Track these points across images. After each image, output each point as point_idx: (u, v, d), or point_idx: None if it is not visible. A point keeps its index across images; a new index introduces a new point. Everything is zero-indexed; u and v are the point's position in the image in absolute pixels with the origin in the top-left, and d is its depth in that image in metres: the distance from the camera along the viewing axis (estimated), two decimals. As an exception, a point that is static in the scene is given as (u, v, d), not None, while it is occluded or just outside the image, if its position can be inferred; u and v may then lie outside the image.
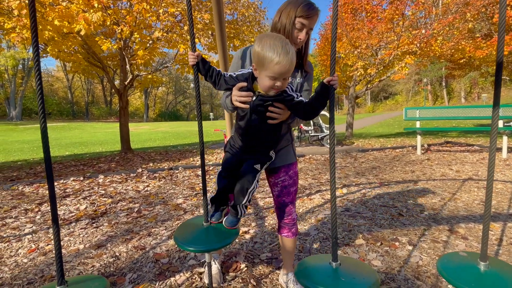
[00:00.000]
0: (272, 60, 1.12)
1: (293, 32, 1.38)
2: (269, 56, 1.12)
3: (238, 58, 1.51)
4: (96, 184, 4.39)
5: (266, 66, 1.14)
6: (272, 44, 1.13)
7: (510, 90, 30.64)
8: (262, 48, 1.14)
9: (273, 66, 1.13)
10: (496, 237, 2.35)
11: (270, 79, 1.17)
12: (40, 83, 1.10)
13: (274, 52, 1.12)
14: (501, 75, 1.22)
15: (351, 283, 1.10)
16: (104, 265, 2.11)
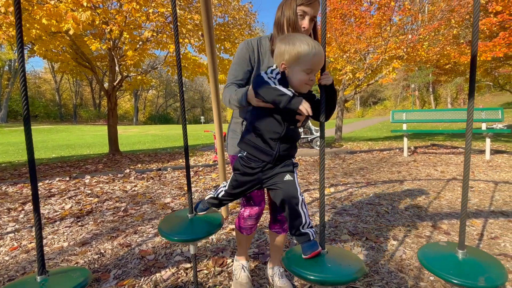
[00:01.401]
0: (309, 53, 1.10)
1: (298, 22, 1.37)
2: (305, 49, 1.10)
3: (245, 51, 1.47)
4: (82, 184, 4.32)
5: (301, 60, 1.11)
6: (301, 39, 1.12)
7: (495, 96, 31.52)
8: (293, 44, 1.12)
9: (311, 58, 1.11)
10: (478, 232, 2.41)
11: (306, 73, 1.13)
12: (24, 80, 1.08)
13: (308, 45, 1.11)
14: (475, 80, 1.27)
15: (338, 269, 1.12)
16: (88, 262, 2.09)
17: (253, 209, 1.59)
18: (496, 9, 7.36)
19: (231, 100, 1.37)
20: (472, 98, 1.26)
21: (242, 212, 1.63)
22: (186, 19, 6.01)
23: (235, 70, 1.47)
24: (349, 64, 9.12)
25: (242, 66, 1.47)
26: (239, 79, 1.47)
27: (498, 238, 2.28)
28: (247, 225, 1.64)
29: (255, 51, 1.48)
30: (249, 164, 1.26)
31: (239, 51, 1.48)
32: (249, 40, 1.50)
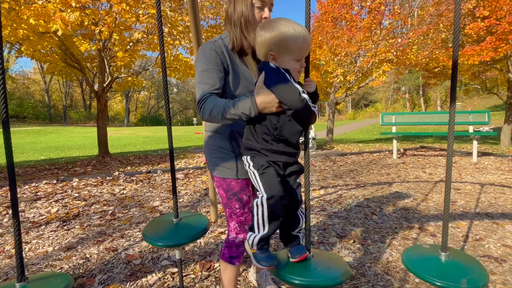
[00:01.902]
0: (297, 38, 1.00)
1: (254, 15, 1.23)
2: (292, 35, 1.00)
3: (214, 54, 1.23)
4: (70, 187, 4.25)
5: (290, 47, 1.02)
6: (284, 24, 1.02)
7: (483, 99, 32.15)
8: (278, 31, 1.01)
9: (300, 44, 1.01)
10: (463, 233, 2.45)
11: (296, 61, 1.05)
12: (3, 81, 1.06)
13: (294, 29, 1.00)
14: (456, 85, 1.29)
15: (323, 273, 1.12)
16: (73, 267, 2.05)
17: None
18: (484, 14, 7.50)
19: (226, 114, 1.10)
20: (453, 103, 1.28)
21: (234, 238, 1.39)
22: (177, 21, 5.99)
23: (209, 78, 1.20)
24: (340, 67, 9.21)
25: (215, 72, 1.21)
26: (216, 87, 1.20)
27: (482, 239, 2.32)
28: (240, 252, 1.41)
29: (225, 53, 1.26)
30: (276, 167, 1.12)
31: (207, 55, 1.22)
32: (213, 41, 1.27)
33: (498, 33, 7.00)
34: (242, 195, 1.36)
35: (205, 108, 1.14)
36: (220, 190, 1.38)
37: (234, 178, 1.34)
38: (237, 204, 1.36)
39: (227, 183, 1.34)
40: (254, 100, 1.03)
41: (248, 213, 1.39)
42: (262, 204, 1.06)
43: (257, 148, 1.09)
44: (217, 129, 1.35)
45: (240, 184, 1.35)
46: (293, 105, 0.99)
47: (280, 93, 0.99)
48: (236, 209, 1.36)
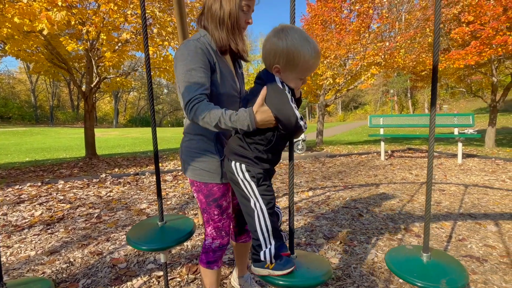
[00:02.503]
0: (309, 58, 0.95)
1: (240, 17, 1.21)
2: (305, 53, 0.94)
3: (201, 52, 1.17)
4: (55, 189, 4.16)
5: (300, 66, 0.96)
6: (299, 38, 0.94)
7: (469, 102, 32.89)
8: (293, 45, 0.93)
9: (310, 64, 0.97)
10: (446, 234, 2.50)
11: (299, 80, 1.01)
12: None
13: (308, 48, 0.94)
14: (436, 89, 1.32)
15: (306, 273, 1.13)
16: (56, 271, 2.01)
17: (224, 239, 1.39)
18: (468, 19, 7.69)
19: (221, 124, 1.04)
20: (434, 106, 1.31)
21: (210, 244, 1.38)
22: (166, 21, 5.95)
23: (198, 77, 1.12)
24: (330, 70, 9.31)
25: (203, 71, 1.15)
26: (206, 88, 1.13)
27: (465, 239, 2.37)
28: (217, 256, 1.39)
29: (211, 52, 1.21)
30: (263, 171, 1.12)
31: (193, 52, 1.15)
32: (196, 39, 1.21)
33: (482, 38, 7.19)
34: (222, 201, 1.34)
35: (198, 112, 1.07)
36: (199, 195, 1.34)
37: (217, 183, 1.30)
38: (216, 210, 1.34)
39: (208, 188, 1.30)
40: (254, 117, 1.00)
41: (226, 220, 1.38)
42: (263, 216, 1.05)
43: (249, 156, 1.07)
44: (202, 131, 1.27)
45: (222, 190, 1.32)
46: (289, 129, 1.01)
47: (279, 115, 0.99)
48: (214, 215, 1.34)
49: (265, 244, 1.06)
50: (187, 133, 1.34)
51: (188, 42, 1.18)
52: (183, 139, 1.36)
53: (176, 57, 1.19)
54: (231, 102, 1.29)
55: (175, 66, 1.18)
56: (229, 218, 1.39)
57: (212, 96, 1.22)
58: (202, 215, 1.37)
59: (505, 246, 2.24)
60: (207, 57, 1.18)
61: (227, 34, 1.23)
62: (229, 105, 1.27)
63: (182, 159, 1.35)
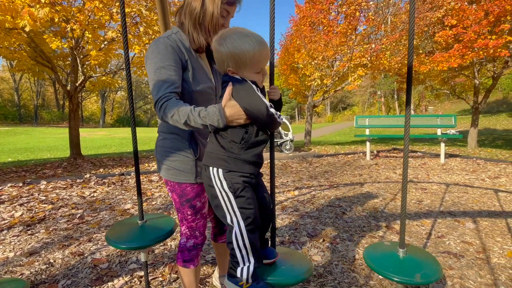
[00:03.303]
0: (253, 52, 0.97)
1: (219, 20, 1.20)
2: (247, 50, 0.97)
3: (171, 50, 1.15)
4: (37, 190, 4.07)
5: (250, 61, 0.99)
6: (237, 38, 0.98)
7: (453, 104, 33.72)
8: (233, 46, 0.97)
9: (256, 58, 0.99)
10: (426, 231, 2.56)
11: (258, 73, 1.03)
12: None
13: (248, 43, 0.97)
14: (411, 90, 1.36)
15: (287, 271, 1.15)
16: (35, 273, 1.97)
17: (198, 239, 1.38)
18: (452, 22, 7.90)
19: (190, 122, 1.02)
20: (408, 106, 1.35)
21: (185, 243, 1.37)
22: (153, 20, 5.90)
23: (168, 75, 1.11)
24: (318, 71, 9.40)
25: (173, 69, 1.13)
26: (176, 86, 1.11)
27: (444, 236, 2.44)
28: (193, 255, 1.38)
29: (182, 49, 1.20)
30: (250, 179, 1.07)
31: (163, 50, 1.14)
32: (166, 36, 1.19)
33: (464, 41, 7.39)
34: (195, 202, 1.32)
35: (167, 110, 1.05)
36: (173, 195, 1.33)
37: (191, 183, 1.29)
38: (190, 210, 1.32)
39: (182, 188, 1.29)
40: (223, 112, 0.98)
41: (201, 220, 1.36)
42: (241, 234, 0.99)
43: (225, 157, 1.02)
44: (175, 130, 1.25)
45: (195, 190, 1.31)
46: (261, 119, 0.99)
47: (248, 107, 0.97)
48: (188, 215, 1.33)
49: (243, 262, 1.01)
50: (161, 132, 1.32)
51: (158, 40, 1.17)
52: (158, 138, 1.34)
53: (146, 55, 1.18)
54: (205, 100, 1.26)
55: (146, 64, 1.17)
56: (203, 218, 1.38)
57: (185, 94, 1.20)
58: (177, 214, 1.38)
59: (482, 243, 2.31)
60: (178, 55, 1.17)
61: (205, 34, 1.21)
62: (203, 103, 1.20)
63: (157, 158, 1.33)
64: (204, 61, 1.30)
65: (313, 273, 1.89)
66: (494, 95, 28.85)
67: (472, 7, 7.65)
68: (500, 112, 25.86)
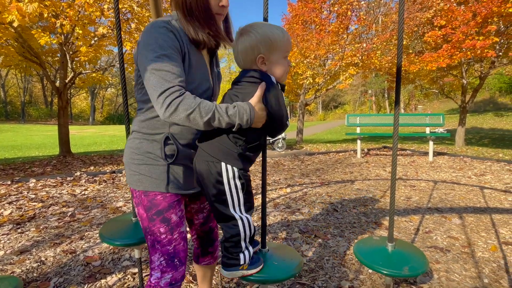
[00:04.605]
0: (280, 34, 0.99)
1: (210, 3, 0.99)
2: (278, 33, 0.99)
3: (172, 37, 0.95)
4: (26, 188, 4.01)
5: (278, 44, 0.99)
6: (262, 25, 1.01)
7: (442, 103, 34.31)
8: (262, 31, 0.98)
9: (285, 40, 1.00)
10: (414, 227, 2.63)
11: (285, 60, 1.04)
12: None
13: (277, 29, 1.00)
14: (400, 89, 1.40)
15: (277, 267, 1.17)
16: (26, 271, 1.95)
17: (178, 270, 1.06)
18: (441, 23, 8.05)
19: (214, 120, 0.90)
20: (397, 106, 1.39)
21: (157, 281, 1.04)
22: (144, 17, 5.84)
23: (173, 66, 0.91)
24: (310, 69, 9.45)
25: (177, 59, 0.94)
26: (183, 79, 0.92)
27: (431, 232, 2.51)
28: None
29: (183, 38, 0.98)
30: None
31: (164, 36, 0.93)
32: (167, 21, 0.97)
33: (453, 42, 7.54)
34: (169, 214, 1.03)
35: (180, 106, 0.86)
36: (139, 209, 1.05)
37: (161, 192, 1.03)
38: (162, 227, 1.02)
39: (149, 198, 1.02)
40: (254, 112, 0.92)
41: (180, 241, 1.06)
42: (249, 224, 1.02)
43: (236, 155, 1.00)
44: (147, 129, 1.04)
45: (168, 200, 1.04)
46: (277, 128, 1.03)
47: (276, 115, 0.99)
48: (160, 234, 1.02)
49: (246, 248, 1.05)
50: (134, 131, 1.09)
51: (157, 23, 0.94)
52: (129, 137, 1.12)
53: (140, 41, 0.94)
54: None
55: (140, 51, 0.93)
56: (182, 239, 1.07)
57: None
58: (146, 240, 1.07)
59: (467, 237, 2.39)
60: (179, 44, 0.96)
61: (201, 27, 0.99)
62: None
63: (124, 162, 1.10)
64: (205, 59, 1.10)
65: (304, 268, 1.93)
66: (481, 95, 29.49)
67: (461, 8, 7.81)
68: (486, 111, 26.46)
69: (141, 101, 1.06)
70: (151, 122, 1.04)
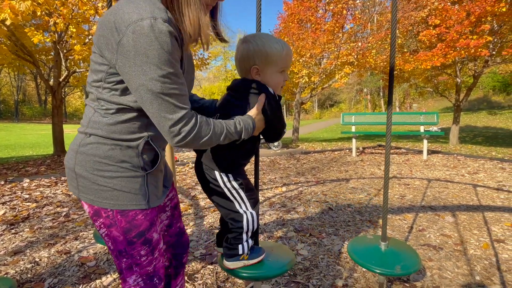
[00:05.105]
0: (281, 51, 1.02)
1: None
2: (277, 48, 1.01)
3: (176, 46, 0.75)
4: (19, 188, 3.98)
5: (275, 60, 1.02)
6: (265, 37, 1.03)
7: (436, 101, 34.57)
8: (261, 43, 1.01)
9: (284, 57, 1.03)
10: (408, 225, 2.66)
11: (281, 74, 1.06)
12: None
13: (277, 43, 1.02)
14: (393, 88, 1.41)
15: (269, 264, 1.18)
16: (20, 272, 1.94)
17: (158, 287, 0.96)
18: (435, 22, 8.10)
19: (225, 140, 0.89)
20: (390, 105, 1.41)
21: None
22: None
23: (182, 85, 0.79)
24: (305, 68, 9.47)
25: (181, 73, 0.80)
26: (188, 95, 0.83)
27: (424, 230, 2.54)
28: None
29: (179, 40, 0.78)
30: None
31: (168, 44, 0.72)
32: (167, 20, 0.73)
33: (447, 41, 7.60)
34: (152, 234, 0.91)
35: (198, 134, 0.80)
36: (112, 232, 0.86)
37: (142, 209, 0.88)
38: (144, 249, 0.90)
39: (128, 218, 0.86)
40: (255, 124, 0.96)
41: (159, 258, 0.95)
42: (252, 218, 1.08)
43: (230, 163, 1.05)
44: (119, 134, 0.84)
45: (149, 217, 0.90)
46: (275, 137, 1.10)
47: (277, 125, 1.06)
48: (141, 257, 0.90)
49: (246, 240, 1.10)
50: (93, 135, 0.84)
51: (158, 25, 0.70)
52: (81, 141, 0.85)
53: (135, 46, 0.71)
54: None
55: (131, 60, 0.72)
56: (161, 255, 0.97)
57: None
58: (117, 261, 0.91)
59: (460, 235, 2.42)
60: (181, 50, 0.80)
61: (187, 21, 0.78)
62: None
63: (77, 173, 0.85)
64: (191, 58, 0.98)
65: (299, 266, 1.95)
66: (475, 93, 29.77)
67: (455, 8, 7.87)
68: (480, 109, 26.71)
69: (110, 101, 0.81)
70: (126, 126, 0.83)
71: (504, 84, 27.56)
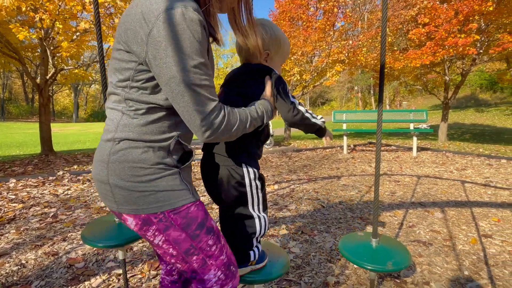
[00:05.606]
0: (289, 46, 1.05)
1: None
2: (287, 43, 1.04)
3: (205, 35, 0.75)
4: (5, 189, 3.88)
5: (284, 52, 1.06)
6: (279, 29, 1.05)
7: (425, 99, 35.10)
8: (278, 33, 1.04)
9: (288, 52, 1.06)
10: (398, 221, 2.69)
11: (281, 64, 1.08)
12: None
13: (286, 36, 1.05)
14: (383, 87, 1.41)
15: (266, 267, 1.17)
16: (5, 275, 1.89)
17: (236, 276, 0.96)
18: (424, 21, 8.20)
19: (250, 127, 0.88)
20: (381, 103, 1.41)
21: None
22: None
23: (211, 76, 0.79)
24: (297, 66, 9.48)
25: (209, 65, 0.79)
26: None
27: (414, 226, 2.57)
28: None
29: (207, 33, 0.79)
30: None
31: (199, 35, 0.72)
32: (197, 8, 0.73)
33: (436, 39, 7.70)
34: (210, 222, 0.90)
35: (228, 126, 0.80)
36: (172, 233, 0.83)
37: (192, 202, 0.86)
38: (210, 238, 0.88)
39: (183, 214, 0.84)
40: (270, 107, 0.95)
41: (226, 245, 0.95)
42: (265, 224, 1.06)
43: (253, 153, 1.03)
44: (151, 135, 0.81)
45: (201, 207, 0.89)
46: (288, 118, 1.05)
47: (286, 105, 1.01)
48: (211, 246, 0.88)
49: (256, 246, 1.08)
50: (125, 139, 0.80)
51: (189, 14, 0.70)
52: (111, 150, 0.81)
53: (167, 35, 0.69)
54: None
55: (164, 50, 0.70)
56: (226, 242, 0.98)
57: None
58: (187, 265, 0.87)
59: (449, 231, 2.46)
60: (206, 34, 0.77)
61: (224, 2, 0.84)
62: None
63: (112, 184, 0.81)
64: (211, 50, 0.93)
65: (291, 264, 1.95)
66: (463, 91, 30.32)
67: (443, 6, 7.98)
68: (468, 107, 27.24)
69: (139, 101, 0.79)
70: (157, 126, 0.81)
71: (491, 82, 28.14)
